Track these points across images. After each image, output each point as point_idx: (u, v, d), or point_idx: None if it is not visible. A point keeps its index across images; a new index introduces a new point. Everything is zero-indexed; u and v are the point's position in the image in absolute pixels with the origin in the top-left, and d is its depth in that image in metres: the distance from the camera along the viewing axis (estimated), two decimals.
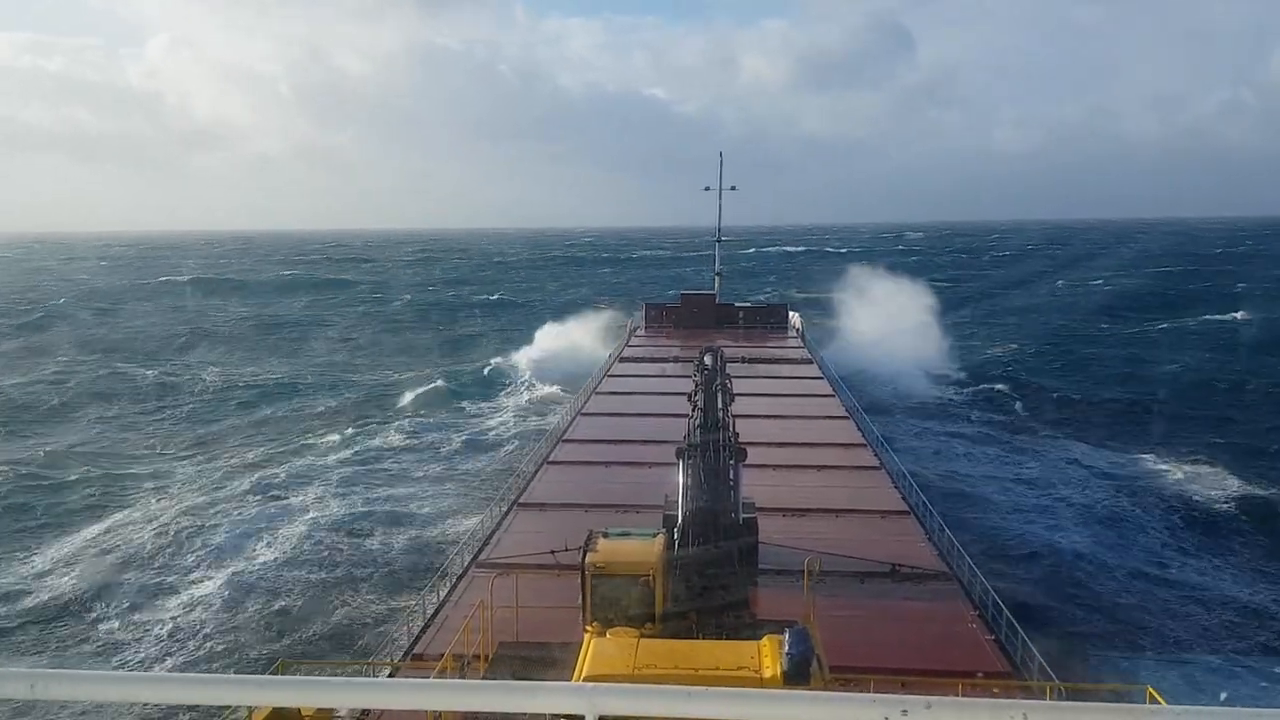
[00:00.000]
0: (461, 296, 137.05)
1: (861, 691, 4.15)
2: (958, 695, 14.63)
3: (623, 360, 55.16)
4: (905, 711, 2.62)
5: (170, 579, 31.40)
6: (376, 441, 49.84)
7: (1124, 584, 30.75)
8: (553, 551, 21.43)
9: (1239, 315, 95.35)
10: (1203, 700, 21.83)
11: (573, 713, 2.76)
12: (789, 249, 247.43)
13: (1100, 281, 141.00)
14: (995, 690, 16.51)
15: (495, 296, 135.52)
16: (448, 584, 22.45)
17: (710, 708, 2.75)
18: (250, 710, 13.49)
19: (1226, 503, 38.84)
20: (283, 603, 29.15)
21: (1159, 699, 14.48)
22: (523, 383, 66.13)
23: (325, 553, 33.00)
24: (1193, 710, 2.59)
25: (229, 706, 14.56)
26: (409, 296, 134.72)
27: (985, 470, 43.46)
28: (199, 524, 36.13)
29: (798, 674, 11.74)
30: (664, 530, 17.57)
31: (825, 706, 2.79)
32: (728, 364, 27.17)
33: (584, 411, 40.54)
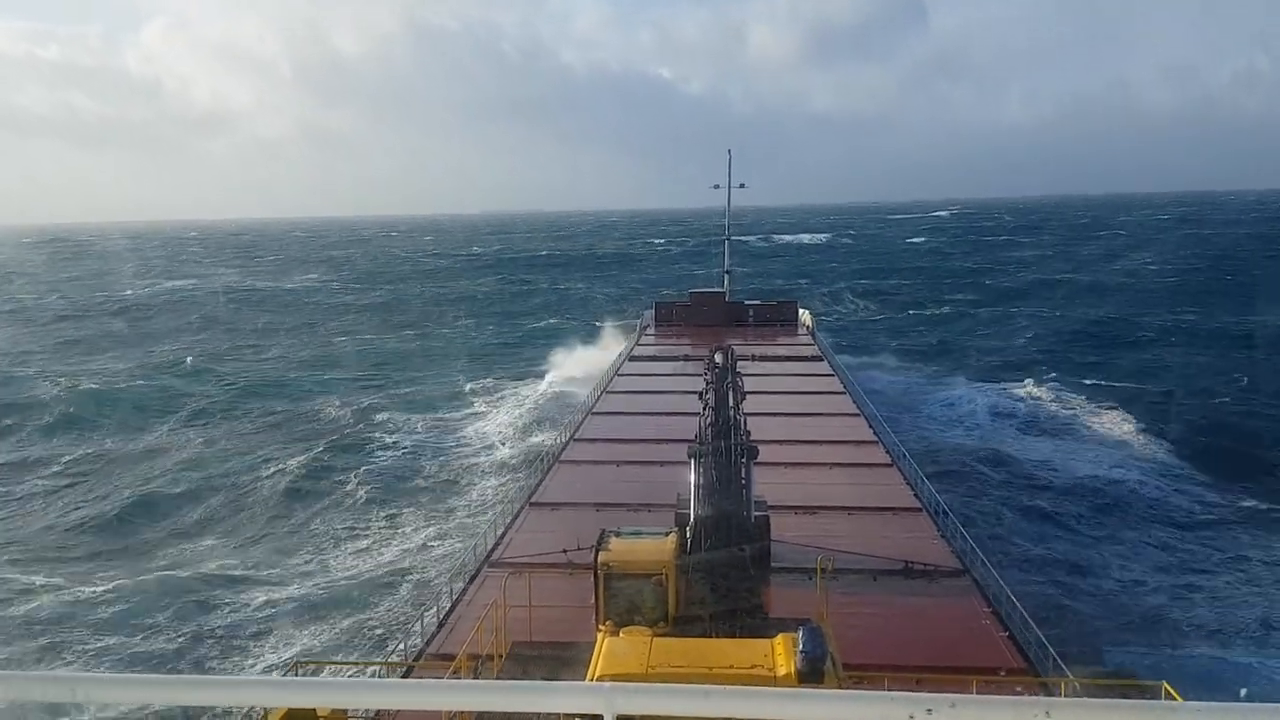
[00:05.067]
0: None
1: (877, 689, 4.14)
2: (973, 692, 14.59)
3: (633, 359, 55.15)
4: (930, 710, 2.61)
5: None
6: None
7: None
8: (565, 551, 21.46)
9: None
10: (1220, 697, 21.72)
11: (590, 712, 2.76)
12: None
13: None
14: (1018, 688, 16.45)
15: None
16: (461, 584, 22.50)
17: (729, 706, 2.74)
18: (266, 711, 13.54)
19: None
20: None
21: (1175, 695, 14.41)
22: None
23: None
24: (1219, 707, 2.57)
25: (243, 708, 14.62)
26: None
27: None
28: None
29: (812, 672, 11.72)
30: (676, 529, 17.58)
31: (849, 704, 2.78)
32: (738, 362, 27.17)
33: (595, 410, 40.56)
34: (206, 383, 67.67)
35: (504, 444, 47.67)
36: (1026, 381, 60.71)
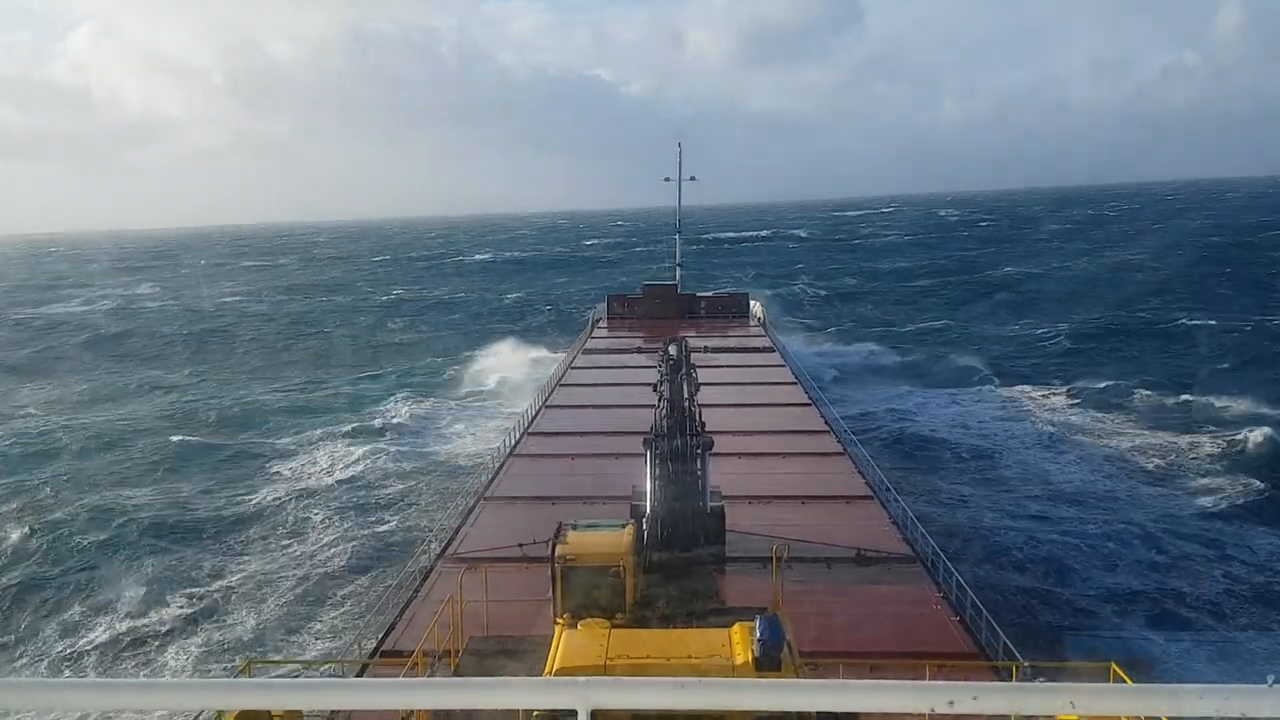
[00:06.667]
0: None
1: (831, 678, 4.14)
2: (925, 678, 14.78)
3: (586, 352, 55.09)
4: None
5: None
6: None
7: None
8: (521, 544, 21.36)
9: None
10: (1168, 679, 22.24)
11: (566, 708, 2.71)
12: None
13: None
14: (969, 673, 16.68)
15: None
16: (416, 579, 22.29)
17: (702, 698, 2.71)
18: (219, 714, 13.27)
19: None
20: None
21: (1124, 677, 14.71)
22: None
23: None
24: (1166, 688, 2.63)
25: (195, 712, 14.30)
26: None
27: None
28: None
29: (769, 661, 11.77)
30: (633, 521, 17.59)
31: (813, 694, 2.78)
32: (691, 354, 27.22)
33: (549, 404, 40.43)
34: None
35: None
36: (981, 377, 61.44)
